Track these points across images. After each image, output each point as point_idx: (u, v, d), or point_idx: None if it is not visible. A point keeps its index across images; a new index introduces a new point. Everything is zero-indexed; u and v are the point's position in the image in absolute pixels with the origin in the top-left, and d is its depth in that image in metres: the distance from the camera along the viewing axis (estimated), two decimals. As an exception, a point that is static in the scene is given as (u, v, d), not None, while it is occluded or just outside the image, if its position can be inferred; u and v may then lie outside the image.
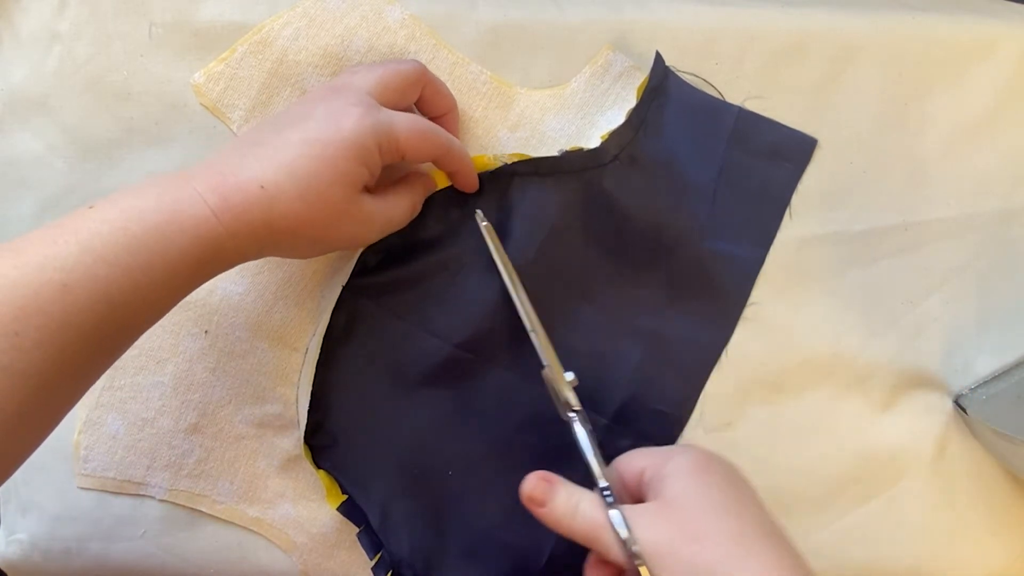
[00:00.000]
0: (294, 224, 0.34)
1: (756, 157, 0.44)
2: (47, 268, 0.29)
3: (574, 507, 0.35)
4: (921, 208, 0.44)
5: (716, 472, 0.36)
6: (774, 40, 0.44)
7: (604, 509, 0.34)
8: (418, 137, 0.37)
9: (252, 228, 0.33)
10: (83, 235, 0.30)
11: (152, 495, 0.43)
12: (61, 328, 0.29)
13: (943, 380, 0.45)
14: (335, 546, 0.44)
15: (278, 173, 0.33)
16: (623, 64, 0.43)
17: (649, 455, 0.37)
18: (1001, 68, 0.44)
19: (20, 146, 0.43)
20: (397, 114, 0.36)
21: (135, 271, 0.31)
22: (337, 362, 0.43)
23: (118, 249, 0.30)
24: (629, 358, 0.44)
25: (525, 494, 0.35)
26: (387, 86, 0.37)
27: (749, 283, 0.44)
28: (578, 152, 0.43)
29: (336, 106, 0.35)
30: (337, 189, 0.34)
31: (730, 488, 0.35)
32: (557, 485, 0.36)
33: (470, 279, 0.43)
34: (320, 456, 0.43)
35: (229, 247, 0.33)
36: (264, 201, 0.33)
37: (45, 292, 0.29)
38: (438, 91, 0.40)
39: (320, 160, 0.34)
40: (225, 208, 0.32)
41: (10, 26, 0.43)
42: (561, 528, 0.35)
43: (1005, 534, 0.45)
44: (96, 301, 0.30)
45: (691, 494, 0.34)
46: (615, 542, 0.33)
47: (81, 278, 0.29)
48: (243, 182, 0.33)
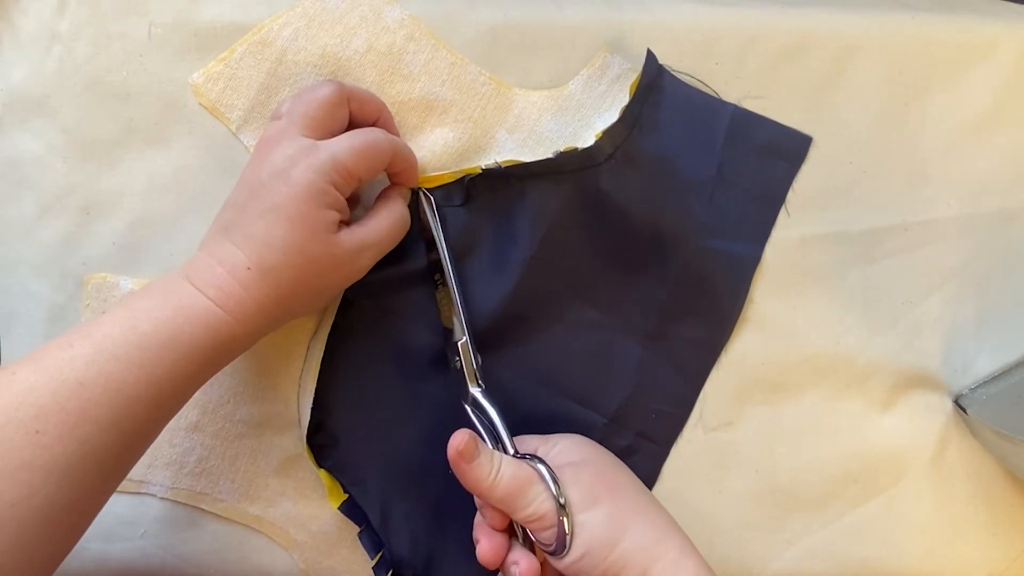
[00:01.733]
0: (291, 289, 0.36)
1: (751, 155, 0.44)
2: (64, 369, 0.31)
3: (498, 466, 0.37)
4: (921, 208, 0.44)
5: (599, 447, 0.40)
6: (774, 40, 0.44)
7: (528, 468, 0.37)
8: (363, 156, 0.37)
9: (257, 307, 0.35)
10: (96, 336, 0.33)
11: (153, 493, 0.43)
12: (80, 423, 0.31)
13: (943, 380, 0.45)
14: (336, 544, 0.44)
15: (259, 250, 0.35)
16: (620, 66, 0.43)
17: (538, 437, 0.41)
18: (1001, 68, 0.44)
19: (20, 146, 0.43)
20: (335, 142, 0.37)
21: (147, 367, 0.33)
22: (339, 361, 0.43)
23: (128, 347, 0.33)
24: (628, 357, 0.44)
25: (454, 447, 0.37)
26: (313, 118, 0.37)
27: (746, 281, 0.44)
28: (573, 152, 0.43)
29: (278, 162, 0.36)
30: (314, 241, 0.36)
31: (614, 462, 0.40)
32: (481, 445, 0.38)
33: (470, 277, 0.43)
34: (321, 455, 0.43)
35: (240, 332, 0.35)
36: (256, 279, 0.35)
37: (63, 391, 0.31)
38: (363, 101, 0.40)
39: (288, 223, 0.35)
40: (225, 298, 0.35)
41: (10, 26, 0.43)
42: (481, 485, 0.37)
43: (1005, 534, 0.45)
44: (112, 396, 0.32)
45: (597, 457, 0.39)
46: (538, 496, 0.36)
47: (96, 375, 0.32)
48: (232, 270, 0.35)
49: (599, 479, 0.37)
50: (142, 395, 0.33)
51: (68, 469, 0.31)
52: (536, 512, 0.36)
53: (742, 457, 0.45)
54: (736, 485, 0.44)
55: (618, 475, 0.39)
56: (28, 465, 0.30)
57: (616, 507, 0.36)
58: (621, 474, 0.39)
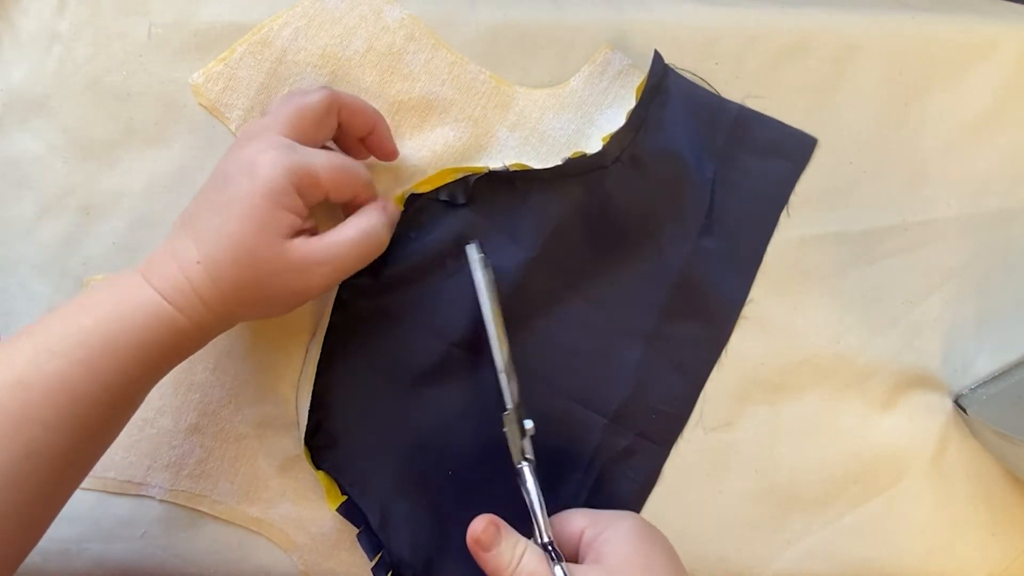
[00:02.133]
0: (236, 289, 0.34)
1: (756, 155, 0.44)
2: (3, 369, 0.30)
3: (518, 558, 0.35)
4: (921, 208, 0.44)
5: (657, 543, 0.36)
6: (774, 40, 0.44)
7: (547, 564, 0.34)
8: (337, 171, 0.36)
9: (204, 304, 0.34)
10: (39, 335, 0.31)
11: (152, 495, 0.43)
12: (22, 423, 0.30)
13: (943, 380, 0.45)
14: (335, 546, 0.44)
15: (210, 244, 0.33)
16: (622, 63, 0.43)
17: (589, 516, 0.37)
18: (1001, 68, 0.44)
19: (20, 146, 0.43)
20: (315, 153, 0.35)
21: (92, 363, 0.31)
22: (336, 363, 0.43)
23: (70, 342, 0.31)
24: (629, 357, 0.44)
25: (472, 537, 0.35)
26: (298, 123, 0.36)
27: (748, 281, 0.44)
28: (580, 158, 0.43)
29: (248, 155, 0.34)
30: (262, 241, 0.34)
31: (669, 562, 0.36)
32: (504, 532, 0.36)
33: (468, 278, 0.43)
34: (320, 457, 0.43)
35: (189, 328, 0.34)
36: (203, 275, 0.33)
37: (2, 392, 0.30)
38: (357, 111, 0.38)
39: (242, 218, 0.33)
40: (174, 293, 0.33)
41: (10, 26, 0.43)
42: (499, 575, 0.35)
43: (1005, 534, 0.45)
44: (55, 395, 0.31)
45: (634, 563, 0.34)
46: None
47: (35, 374, 0.30)
48: (184, 264, 0.33)
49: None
50: (88, 393, 0.31)
51: (13, 472, 0.30)
52: None
53: (742, 457, 0.44)
54: (736, 485, 0.44)
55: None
56: None
57: None
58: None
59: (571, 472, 0.44)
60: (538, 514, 0.36)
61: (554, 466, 0.43)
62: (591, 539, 0.36)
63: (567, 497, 0.43)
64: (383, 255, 0.42)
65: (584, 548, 0.36)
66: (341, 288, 0.42)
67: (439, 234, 0.43)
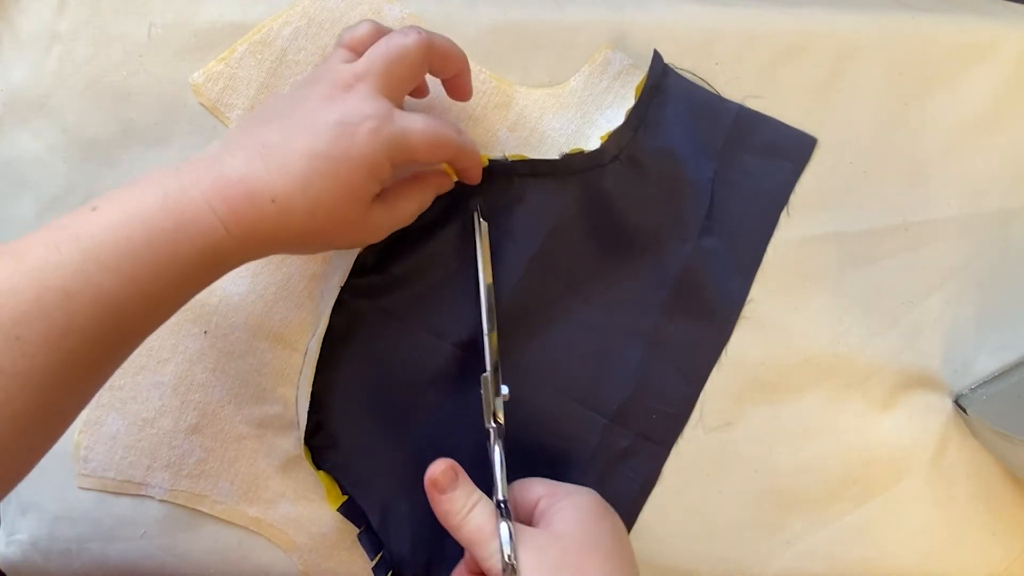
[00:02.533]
0: (303, 235, 0.34)
1: (755, 155, 0.44)
2: (49, 274, 0.29)
3: (470, 507, 0.36)
4: (921, 208, 0.44)
5: (608, 521, 0.37)
6: (774, 40, 0.44)
7: (496, 520, 0.35)
8: (432, 143, 0.36)
9: (261, 238, 0.33)
10: (85, 242, 0.30)
11: (152, 495, 0.43)
12: (64, 334, 0.29)
13: (943, 380, 0.45)
14: (335, 546, 0.44)
15: (289, 187, 0.32)
16: (622, 62, 0.43)
17: (548, 485, 0.38)
18: (1001, 68, 0.44)
19: (20, 146, 0.43)
20: (412, 120, 0.35)
21: (139, 280, 0.30)
22: (337, 363, 0.43)
23: (121, 258, 0.30)
24: (629, 357, 0.44)
25: (429, 477, 0.36)
26: (393, 76, 0.35)
27: (747, 281, 0.44)
28: (578, 154, 0.43)
29: (349, 113, 0.34)
30: (348, 206, 0.34)
31: (617, 542, 0.36)
32: (462, 479, 0.37)
33: (469, 278, 0.43)
34: (320, 457, 0.43)
35: (236, 253, 0.33)
36: (275, 215, 0.32)
37: (47, 298, 0.29)
38: (445, 57, 0.38)
39: (332, 178, 0.33)
40: (235, 221, 0.32)
41: (10, 26, 0.43)
42: (449, 521, 0.36)
43: (1005, 534, 0.45)
44: (100, 308, 0.30)
45: (581, 533, 0.35)
46: (496, 553, 0.34)
47: (84, 286, 0.29)
48: (254, 194, 0.32)
49: (566, 558, 0.34)
50: (131, 309, 0.31)
51: (49, 379, 0.29)
52: (492, 568, 0.34)
53: (742, 457, 0.45)
54: (736, 485, 0.44)
55: (590, 560, 0.35)
56: (6, 371, 0.28)
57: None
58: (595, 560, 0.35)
59: (571, 472, 0.43)
60: (497, 473, 0.38)
61: (554, 466, 0.43)
62: (545, 508, 0.37)
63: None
64: (384, 255, 0.42)
65: (538, 515, 0.37)
66: (342, 288, 0.42)
67: (439, 234, 0.43)
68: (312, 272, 0.43)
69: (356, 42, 0.37)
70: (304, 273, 0.43)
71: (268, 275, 0.43)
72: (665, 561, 0.44)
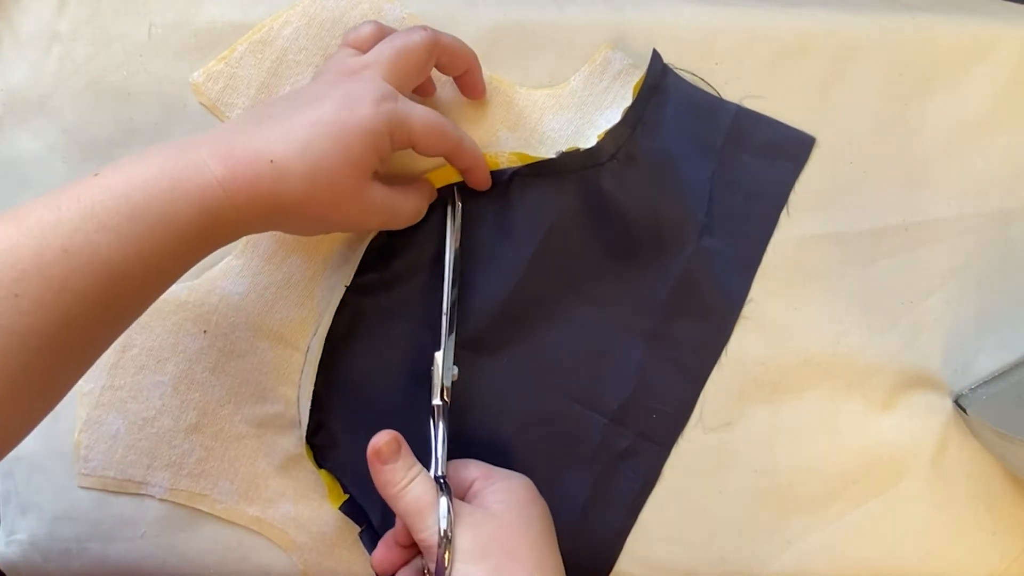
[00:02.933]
0: (299, 201, 0.34)
1: (754, 155, 0.44)
2: (48, 233, 0.29)
3: (409, 479, 0.36)
4: (921, 208, 0.44)
5: (539, 507, 0.38)
6: (774, 40, 0.44)
7: (435, 494, 0.36)
8: (432, 132, 0.37)
9: (257, 201, 0.33)
10: (85, 202, 0.30)
11: (152, 494, 0.43)
12: (62, 291, 0.29)
13: (943, 380, 0.45)
14: (335, 545, 0.44)
15: (289, 149, 0.33)
16: (622, 62, 0.43)
17: (484, 468, 0.39)
18: (1001, 68, 0.44)
19: (20, 146, 0.43)
20: (415, 107, 0.36)
21: (137, 239, 0.31)
22: (339, 362, 0.43)
23: (119, 217, 0.30)
24: (630, 357, 0.44)
25: (372, 446, 0.36)
26: (399, 68, 0.37)
27: (747, 281, 0.44)
28: (575, 152, 0.43)
29: (353, 90, 0.35)
30: (346, 172, 0.34)
31: (546, 528, 0.38)
32: (404, 451, 0.37)
33: (472, 277, 0.43)
34: (322, 456, 0.43)
35: (232, 218, 0.33)
36: (272, 175, 0.33)
37: (47, 256, 0.29)
38: (453, 53, 0.39)
39: (333, 141, 0.34)
40: (231, 179, 0.32)
41: (10, 26, 0.43)
42: (388, 491, 0.36)
43: (1005, 534, 0.45)
44: (98, 267, 0.30)
45: (515, 516, 0.36)
46: (432, 526, 0.35)
47: (82, 244, 0.30)
48: (252, 154, 0.33)
49: (500, 536, 0.35)
50: (129, 270, 0.31)
51: (47, 338, 0.29)
52: (426, 540, 0.35)
53: (742, 457, 0.44)
54: (736, 485, 0.44)
55: (522, 541, 0.36)
56: (4, 329, 0.28)
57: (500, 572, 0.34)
58: (525, 541, 0.36)
59: (571, 472, 0.44)
60: (438, 449, 0.39)
61: (554, 466, 0.43)
62: (480, 489, 0.38)
63: (568, 496, 0.43)
64: (386, 254, 0.42)
65: (471, 495, 0.38)
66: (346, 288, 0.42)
67: (440, 233, 0.43)
68: (313, 271, 0.43)
69: (360, 41, 0.38)
70: (304, 272, 0.43)
71: (268, 274, 0.43)
72: (665, 561, 0.44)
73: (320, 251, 0.43)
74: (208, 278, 0.43)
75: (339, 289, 0.42)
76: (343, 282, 0.42)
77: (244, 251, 0.43)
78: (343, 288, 0.42)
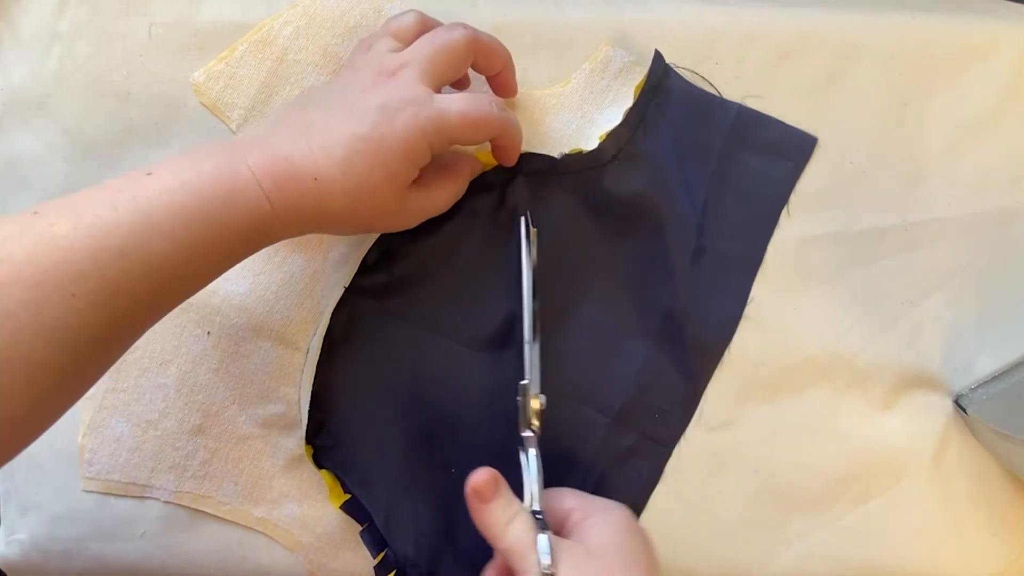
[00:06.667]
0: (341, 215, 0.35)
1: (756, 155, 0.44)
2: (106, 234, 0.30)
3: (510, 517, 0.35)
4: (921, 208, 0.44)
5: (641, 539, 0.37)
6: (774, 40, 0.44)
7: (535, 531, 0.35)
8: (471, 124, 0.36)
9: (302, 215, 0.34)
10: (142, 203, 0.31)
11: (157, 497, 0.43)
12: (116, 294, 0.30)
13: (943, 380, 0.45)
14: (340, 545, 0.44)
15: (331, 167, 0.34)
16: (622, 60, 0.43)
17: (579, 497, 0.38)
18: (1001, 68, 0.44)
19: (20, 146, 0.43)
20: (452, 103, 0.36)
21: (190, 246, 0.32)
22: (339, 362, 0.43)
23: (175, 223, 0.31)
24: (632, 357, 0.44)
25: (472, 486, 0.36)
26: (437, 68, 0.37)
27: (748, 281, 0.44)
28: (577, 154, 0.43)
29: (392, 99, 0.35)
30: (387, 189, 0.35)
31: (649, 559, 0.36)
32: (503, 489, 0.36)
33: (473, 277, 0.43)
34: (323, 456, 0.43)
35: (276, 228, 0.34)
36: (316, 193, 0.34)
37: (103, 257, 0.30)
38: (490, 53, 0.39)
39: (373, 159, 0.34)
40: (278, 195, 0.33)
41: (10, 26, 0.43)
42: (488, 531, 0.36)
43: (1005, 534, 0.45)
44: (151, 270, 0.31)
45: (617, 549, 0.35)
46: (534, 565, 0.34)
47: (138, 248, 0.30)
48: (297, 172, 0.34)
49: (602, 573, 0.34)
50: (177, 273, 0.32)
51: (97, 337, 0.30)
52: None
53: (742, 457, 0.45)
54: (736, 485, 0.44)
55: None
56: (61, 328, 0.29)
57: None
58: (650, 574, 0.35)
59: (574, 471, 0.44)
60: (534, 483, 0.38)
61: (557, 465, 0.43)
62: (578, 520, 0.37)
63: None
64: (387, 254, 0.42)
65: (570, 528, 0.37)
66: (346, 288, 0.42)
67: (442, 235, 0.43)
68: (313, 271, 0.43)
69: (402, 31, 0.38)
70: (305, 272, 0.43)
71: (269, 275, 0.43)
72: (665, 561, 0.44)
73: (320, 251, 0.43)
74: (210, 279, 0.43)
75: (339, 289, 0.42)
76: (343, 282, 0.42)
77: (244, 251, 0.43)
78: (343, 288, 0.42)
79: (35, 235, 0.29)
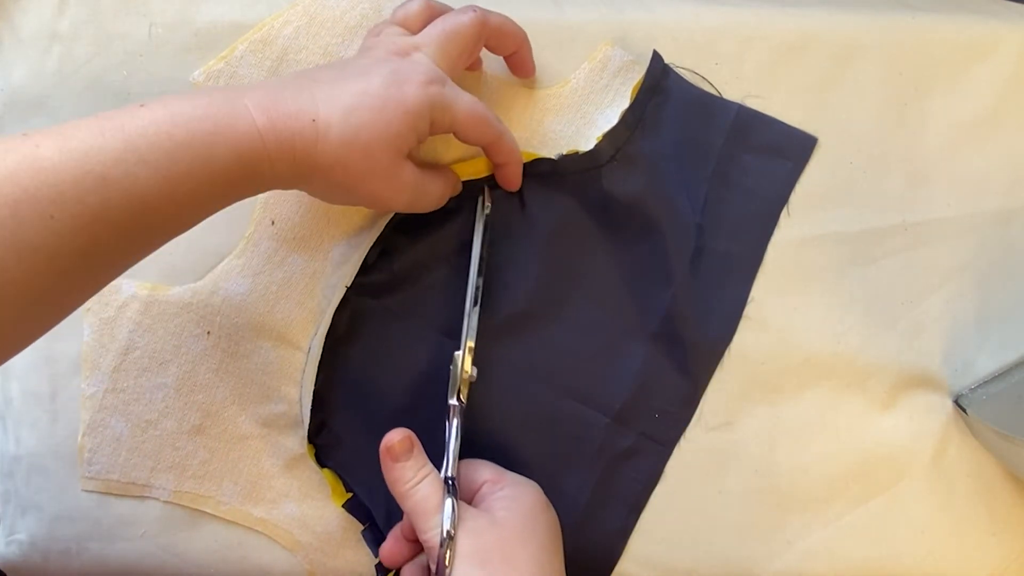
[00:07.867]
0: (332, 165, 0.34)
1: (755, 155, 0.44)
2: (91, 159, 0.29)
3: (419, 478, 0.37)
4: (921, 208, 0.44)
5: (548, 517, 0.39)
6: (774, 40, 0.44)
7: (442, 494, 0.36)
8: (475, 121, 0.37)
9: (293, 157, 0.34)
10: (129, 132, 0.30)
11: (156, 497, 0.43)
12: (95, 220, 0.30)
13: (943, 380, 0.45)
14: (341, 545, 0.44)
15: (331, 112, 0.34)
16: (622, 59, 0.43)
17: (494, 471, 0.40)
18: (1001, 68, 0.44)
19: (20, 146, 0.43)
20: (461, 94, 0.37)
21: (173, 177, 0.31)
22: (341, 361, 0.43)
23: (160, 153, 0.31)
24: (632, 357, 0.44)
25: (386, 444, 0.37)
26: (449, 51, 0.37)
27: (748, 281, 0.44)
28: (574, 155, 0.43)
29: (403, 69, 0.35)
30: (382, 145, 0.35)
31: (552, 538, 0.38)
32: (417, 451, 0.38)
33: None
34: (324, 455, 0.43)
35: (264, 171, 0.33)
36: (311, 134, 0.33)
37: (86, 182, 0.29)
38: (502, 34, 0.40)
39: (375, 114, 0.34)
40: (271, 129, 0.33)
41: (10, 26, 0.43)
42: (397, 489, 0.37)
43: (1005, 534, 0.45)
44: (132, 199, 0.30)
45: (520, 523, 0.37)
46: (436, 527, 0.35)
47: (121, 175, 0.30)
48: (295, 111, 0.33)
49: (500, 544, 0.36)
50: (159, 206, 0.31)
51: (72, 262, 0.30)
52: (429, 541, 0.36)
53: (742, 457, 0.45)
54: (736, 485, 0.44)
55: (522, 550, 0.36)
56: (38, 249, 0.29)
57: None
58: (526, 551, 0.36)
59: (574, 471, 0.44)
60: (450, 450, 0.39)
61: (557, 465, 0.43)
62: (488, 492, 0.38)
63: (569, 496, 0.43)
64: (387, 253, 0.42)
65: (479, 498, 0.38)
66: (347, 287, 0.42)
67: (442, 234, 0.43)
68: (313, 270, 0.43)
69: (409, 19, 0.39)
70: (306, 271, 0.43)
71: (269, 274, 0.43)
72: (665, 561, 0.44)
73: (321, 251, 0.43)
74: (210, 279, 0.43)
75: (340, 289, 0.42)
76: (344, 282, 0.42)
77: (245, 251, 0.43)
78: (344, 288, 0.42)
79: (19, 155, 0.29)
